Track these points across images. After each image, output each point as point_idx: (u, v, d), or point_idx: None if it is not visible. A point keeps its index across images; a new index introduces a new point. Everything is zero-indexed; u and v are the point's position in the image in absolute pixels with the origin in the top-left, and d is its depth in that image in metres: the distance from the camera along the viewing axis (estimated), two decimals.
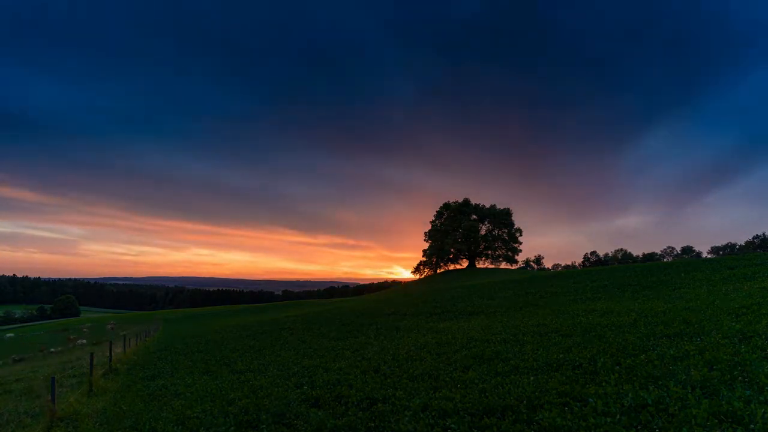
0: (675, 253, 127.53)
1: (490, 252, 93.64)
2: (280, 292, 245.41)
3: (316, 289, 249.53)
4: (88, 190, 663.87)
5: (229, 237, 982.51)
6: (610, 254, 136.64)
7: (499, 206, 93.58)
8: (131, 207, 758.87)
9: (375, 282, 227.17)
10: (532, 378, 7.37)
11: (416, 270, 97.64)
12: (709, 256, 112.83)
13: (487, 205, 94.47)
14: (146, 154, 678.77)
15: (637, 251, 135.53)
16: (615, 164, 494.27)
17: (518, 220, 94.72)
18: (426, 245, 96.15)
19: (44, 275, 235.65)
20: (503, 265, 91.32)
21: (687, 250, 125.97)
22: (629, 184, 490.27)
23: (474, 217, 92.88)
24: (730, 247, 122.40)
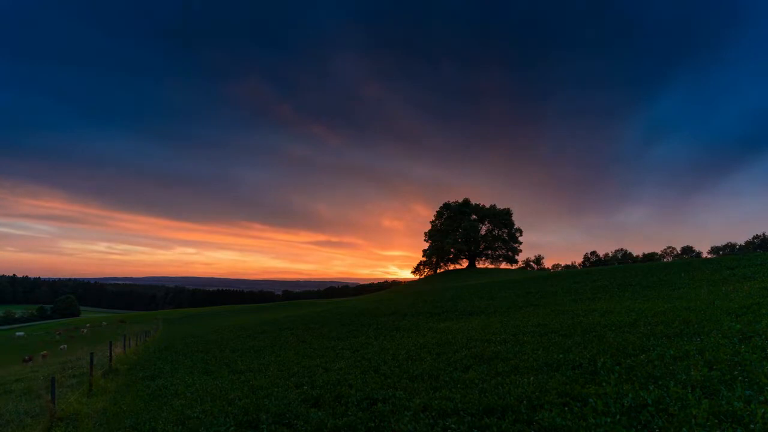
0: (675, 253, 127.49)
1: (490, 252, 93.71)
2: (280, 292, 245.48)
3: (315, 289, 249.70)
4: (52, 185, 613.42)
5: (211, 234, 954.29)
6: (610, 254, 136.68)
7: (499, 206, 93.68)
8: (104, 204, 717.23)
9: (375, 282, 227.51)
10: (532, 378, 7.37)
11: (416, 270, 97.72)
12: (709, 256, 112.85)
13: (487, 205, 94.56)
14: (114, 148, 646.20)
15: (637, 251, 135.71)
16: (612, 155, 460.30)
17: (516, 217, 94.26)
18: (426, 245, 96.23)
19: (17, 273, 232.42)
20: (503, 265, 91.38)
21: (687, 250, 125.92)
22: (628, 176, 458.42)
23: (474, 217, 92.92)
24: (730, 247, 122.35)
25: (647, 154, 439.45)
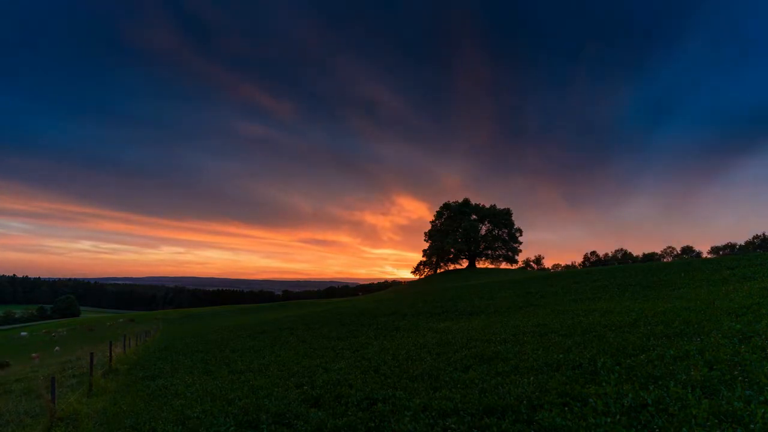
0: (675, 253, 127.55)
1: (490, 252, 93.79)
2: (279, 292, 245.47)
3: (315, 289, 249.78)
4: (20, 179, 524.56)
5: (195, 233, 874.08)
6: (610, 254, 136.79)
7: (499, 206, 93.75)
8: (70, 199, 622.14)
9: (374, 282, 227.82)
10: (532, 378, 7.37)
11: (416, 270, 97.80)
12: (709, 256, 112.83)
13: (487, 205, 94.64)
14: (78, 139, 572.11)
15: (637, 251, 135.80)
16: (612, 135, 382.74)
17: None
18: (425, 245, 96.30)
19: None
20: (503, 265, 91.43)
21: (687, 250, 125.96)
22: (629, 163, 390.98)
23: (474, 217, 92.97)
24: (730, 247, 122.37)
25: (651, 136, 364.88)
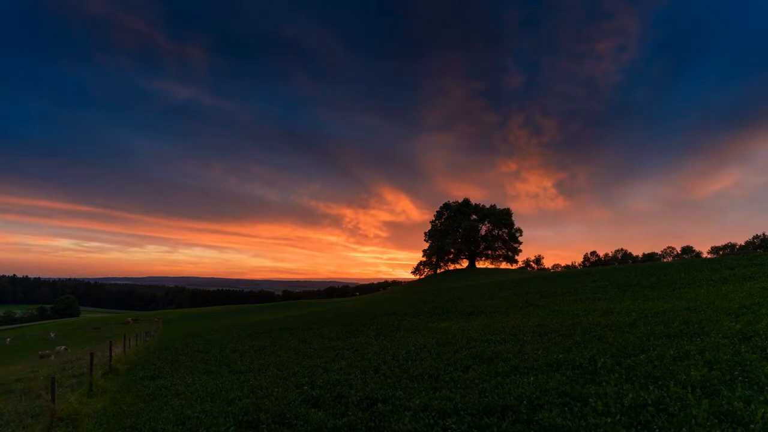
0: (675, 253, 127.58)
1: (490, 252, 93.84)
2: (280, 292, 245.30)
3: (315, 290, 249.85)
4: None
5: (174, 229, 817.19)
6: (610, 254, 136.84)
7: (499, 206, 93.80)
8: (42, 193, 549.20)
9: (374, 282, 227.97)
10: (532, 378, 7.36)
11: (416, 270, 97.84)
12: (709, 256, 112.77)
13: (487, 206, 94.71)
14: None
15: (637, 251, 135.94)
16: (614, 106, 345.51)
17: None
18: (425, 245, 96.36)
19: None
20: (503, 265, 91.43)
21: (687, 250, 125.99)
22: (634, 143, 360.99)
23: (474, 217, 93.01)
24: (730, 247, 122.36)
25: (660, 107, 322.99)
